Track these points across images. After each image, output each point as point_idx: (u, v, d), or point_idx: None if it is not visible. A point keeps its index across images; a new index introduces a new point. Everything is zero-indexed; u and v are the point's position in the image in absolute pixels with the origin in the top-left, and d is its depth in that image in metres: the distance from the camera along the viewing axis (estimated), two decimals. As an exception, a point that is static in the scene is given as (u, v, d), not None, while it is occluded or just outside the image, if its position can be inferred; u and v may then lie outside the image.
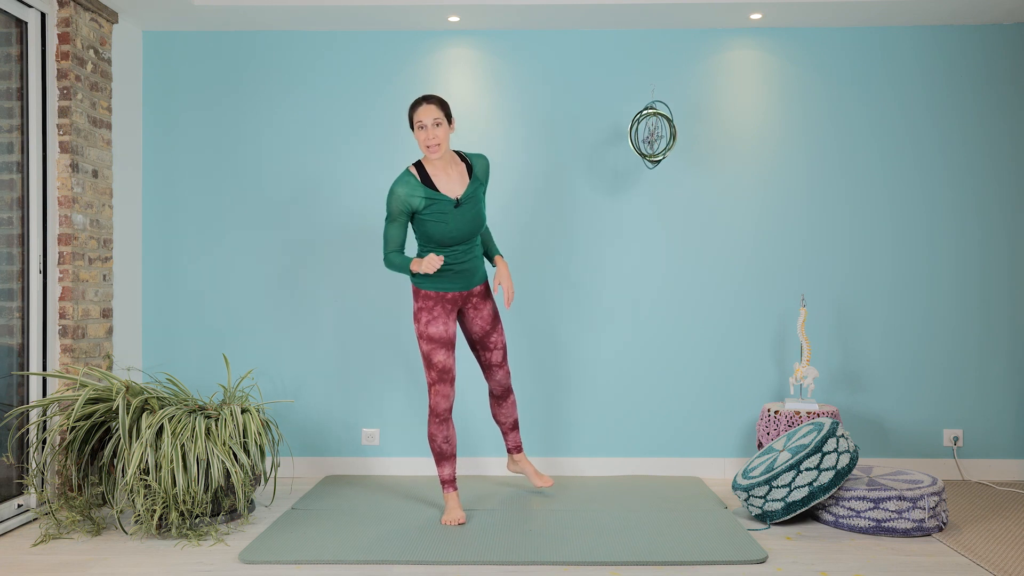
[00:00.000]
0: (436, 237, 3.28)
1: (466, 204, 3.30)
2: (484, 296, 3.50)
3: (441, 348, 3.36)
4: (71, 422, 3.27)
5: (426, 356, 3.37)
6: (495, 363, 3.58)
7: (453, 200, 3.28)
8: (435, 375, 3.37)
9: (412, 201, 3.24)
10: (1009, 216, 4.23)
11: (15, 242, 3.54)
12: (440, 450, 3.44)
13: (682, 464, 4.25)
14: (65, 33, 3.66)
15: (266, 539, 3.16)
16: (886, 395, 4.23)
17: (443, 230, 3.26)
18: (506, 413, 3.70)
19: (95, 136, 3.85)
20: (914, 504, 3.20)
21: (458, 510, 3.39)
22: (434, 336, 3.35)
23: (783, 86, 4.26)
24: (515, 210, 4.25)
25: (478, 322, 3.51)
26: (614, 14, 4.04)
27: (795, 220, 4.26)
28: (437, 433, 3.43)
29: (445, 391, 3.38)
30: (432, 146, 3.21)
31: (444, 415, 3.41)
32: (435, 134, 3.20)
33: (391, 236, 3.30)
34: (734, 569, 2.88)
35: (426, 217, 3.26)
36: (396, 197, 3.24)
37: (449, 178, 3.32)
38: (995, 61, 4.22)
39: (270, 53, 4.29)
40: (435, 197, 3.26)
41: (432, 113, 3.19)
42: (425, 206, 3.25)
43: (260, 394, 4.11)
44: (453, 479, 3.45)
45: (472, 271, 3.41)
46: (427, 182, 3.27)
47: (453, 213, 3.27)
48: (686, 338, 4.26)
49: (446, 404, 3.39)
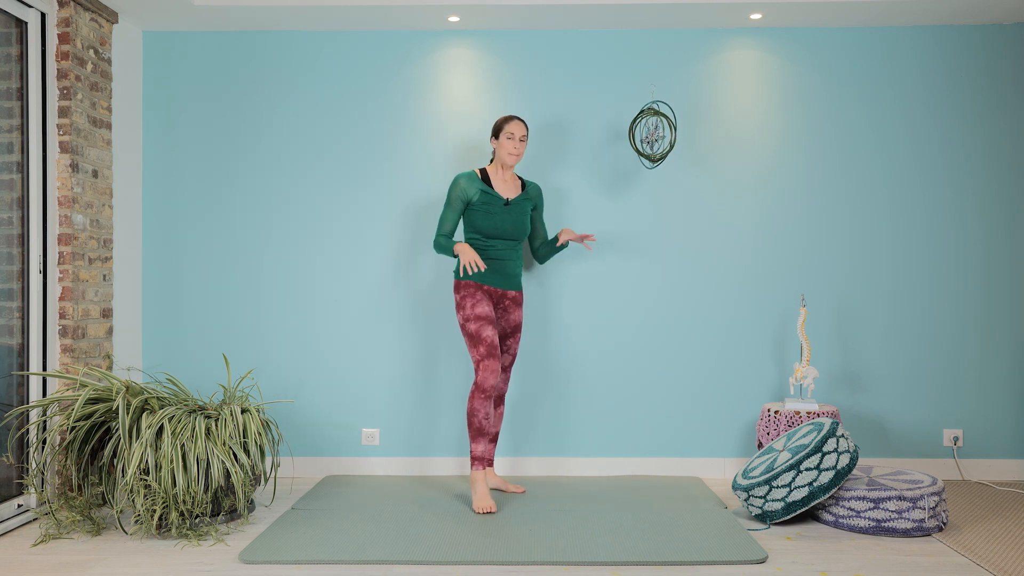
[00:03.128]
0: (482, 227, 3.69)
1: (513, 207, 3.75)
2: (516, 303, 3.82)
3: (488, 324, 3.61)
4: (71, 422, 3.27)
5: (475, 334, 3.59)
6: (503, 366, 3.84)
7: (504, 199, 3.72)
8: (484, 350, 3.57)
9: (469, 191, 3.69)
10: (1009, 216, 4.23)
11: (15, 242, 3.54)
12: (480, 426, 3.58)
13: (682, 464, 4.26)
14: (65, 33, 3.66)
15: (266, 539, 3.16)
16: (886, 395, 4.23)
17: (489, 222, 3.69)
18: (495, 423, 3.85)
19: (95, 136, 3.85)
20: (914, 504, 3.20)
21: (488, 497, 3.53)
22: (480, 314, 3.61)
23: (783, 86, 4.26)
24: (515, 210, 4.25)
25: (503, 323, 3.81)
26: (614, 14, 4.04)
27: (795, 220, 4.26)
28: (480, 408, 3.57)
29: (494, 366, 3.57)
30: (514, 155, 3.73)
31: (490, 391, 3.57)
32: (520, 147, 3.74)
33: (445, 219, 3.72)
34: (734, 569, 2.88)
35: (477, 208, 3.69)
36: (458, 185, 3.70)
37: (505, 185, 3.78)
38: (995, 61, 4.22)
39: (270, 53, 4.29)
40: (489, 193, 3.71)
41: (523, 130, 3.74)
42: (479, 199, 3.69)
43: (260, 394, 4.11)
44: (484, 457, 3.60)
45: (511, 273, 3.77)
46: (486, 182, 3.74)
47: (501, 211, 3.71)
48: (686, 338, 4.26)
49: (493, 380, 3.57)
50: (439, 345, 4.27)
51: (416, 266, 4.27)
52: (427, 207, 4.26)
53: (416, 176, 4.28)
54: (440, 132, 4.28)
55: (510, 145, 3.71)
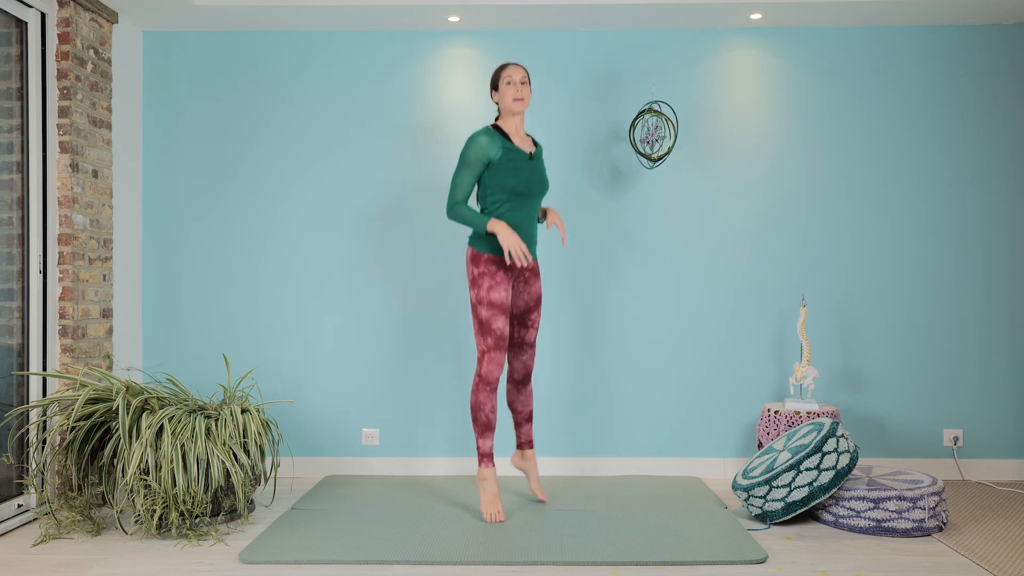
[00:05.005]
0: (510, 186, 3.39)
1: (536, 161, 3.50)
2: (535, 273, 3.59)
3: (501, 314, 3.40)
4: (71, 422, 3.27)
5: (485, 322, 3.39)
6: (528, 341, 3.63)
7: (527, 153, 3.47)
8: (492, 341, 3.39)
9: (491, 150, 3.39)
10: (1009, 216, 4.23)
11: (15, 242, 3.54)
12: (487, 420, 3.44)
13: (682, 464, 4.26)
14: (65, 33, 3.66)
15: (266, 539, 3.16)
16: (886, 395, 4.24)
17: (518, 179, 3.40)
18: (523, 401, 3.68)
19: (95, 136, 3.85)
20: (914, 504, 3.20)
21: (497, 501, 3.43)
22: (495, 301, 3.39)
23: (783, 86, 4.26)
24: (515, 210, 4.25)
25: (524, 297, 3.57)
26: (614, 14, 4.04)
27: (795, 220, 4.26)
28: (486, 402, 3.42)
29: (500, 359, 3.41)
30: (518, 99, 3.42)
31: (495, 384, 3.42)
32: (523, 90, 3.43)
33: (461, 183, 3.41)
34: (734, 569, 2.87)
35: (502, 166, 3.39)
36: (477, 144, 3.38)
37: (522, 139, 3.51)
38: (995, 61, 4.22)
39: (270, 53, 4.29)
40: (512, 148, 3.43)
41: (521, 72, 3.44)
42: (502, 155, 3.40)
43: (260, 394, 4.11)
44: (491, 453, 3.48)
45: (532, 240, 3.52)
46: (505, 137, 3.45)
47: (527, 166, 3.44)
48: (686, 338, 4.26)
49: (499, 372, 3.41)
50: (441, 345, 4.27)
51: (418, 266, 4.27)
52: (427, 206, 4.26)
53: (417, 176, 4.28)
54: (440, 132, 4.28)
55: (511, 91, 3.41)
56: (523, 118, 3.53)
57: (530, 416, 3.71)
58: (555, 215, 3.58)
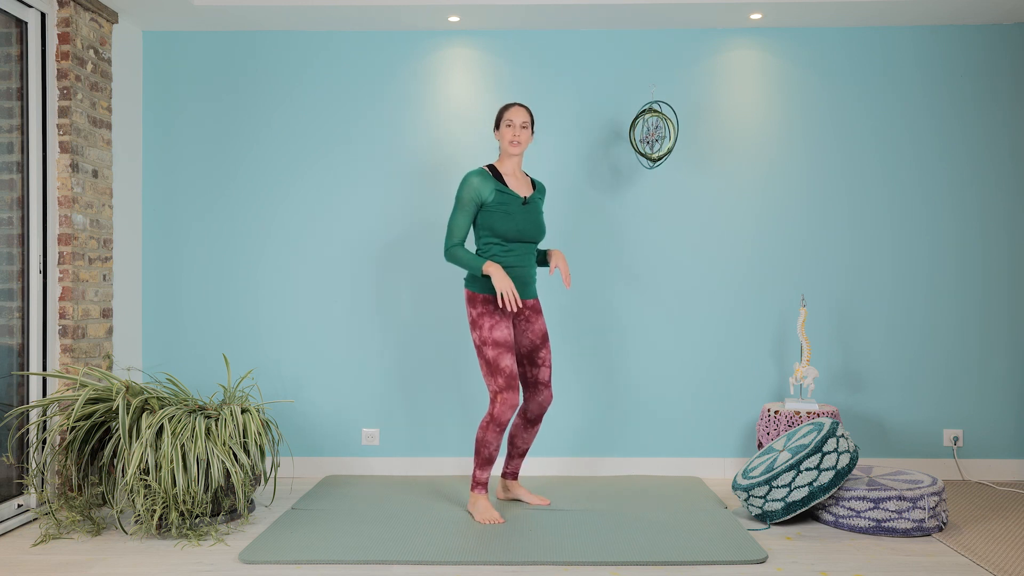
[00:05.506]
0: (501, 231, 3.39)
1: (531, 206, 3.48)
2: (536, 311, 3.55)
3: (507, 352, 3.35)
4: (71, 422, 3.27)
5: (493, 362, 3.33)
6: (543, 381, 3.56)
7: (521, 198, 3.45)
8: (503, 382, 3.33)
9: (483, 191, 3.39)
10: (1009, 216, 4.23)
11: (15, 242, 3.54)
12: (489, 456, 3.42)
13: (682, 464, 4.25)
14: (65, 33, 3.66)
15: (266, 539, 3.16)
16: (886, 395, 4.23)
17: (509, 224, 3.39)
18: (526, 438, 3.63)
19: (95, 136, 3.85)
20: (914, 504, 3.20)
21: (491, 510, 3.41)
22: (499, 340, 3.35)
23: (783, 86, 4.26)
24: (515, 210, 4.25)
25: (528, 335, 3.53)
26: (614, 14, 4.04)
27: (795, 220, 4.26)
28: (493, 441, 3.39)
29: (513, 400, 3.33)
30: (515, 143, 3.45)
31: (505, 425, 3.37)
32: (520, 134, 3.45)
33: (457, 225, 3.41)
34: (734, 569, 2.87)
35: (494, 209, 3.39)
36: (470, 185, 3.40)
37: (518, 182, 3.51)
38: (996, 61, 4.22)
39: (270, 53, 4.29)
40: (505, 191, 3.43)
41: (522, 116, 3.46)
42: (494, 199, 3.40)
43: (260, 394, 4.11)
44: (487, 482, 3.47)
45: (528, 280, 3.49)
46: (499, 179, 3.45)
47: (520, 211, 3.43)
48: (686, 338, 4.26)
49: (511, 414, 3.35)
50: (441, 344, 4.27)
51: (418, 265, 4.27)
52: (427, 206, 4.26)
53: (417, 175, 4.28)
54: (440, 132, 4.28)
55: (509, 133, 3.44)
56: (521, 159, 3.53)
57: (526, 452, 3.69)
58: (559, 258, 3.50)
